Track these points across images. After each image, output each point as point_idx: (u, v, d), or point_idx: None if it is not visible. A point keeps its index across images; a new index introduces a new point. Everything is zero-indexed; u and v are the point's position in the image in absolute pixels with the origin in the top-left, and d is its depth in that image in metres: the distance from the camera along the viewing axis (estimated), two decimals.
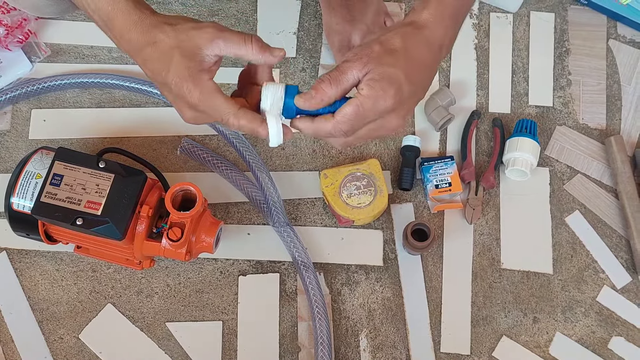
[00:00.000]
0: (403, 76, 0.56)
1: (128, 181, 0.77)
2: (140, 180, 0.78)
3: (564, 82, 1.03)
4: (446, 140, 0.99)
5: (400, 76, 0.56)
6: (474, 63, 1.04)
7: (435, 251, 0.93)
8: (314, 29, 1.05)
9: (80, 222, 0.75)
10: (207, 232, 0.81)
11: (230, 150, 0.97)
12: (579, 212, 0.95)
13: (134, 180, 0.77)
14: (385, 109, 0.57)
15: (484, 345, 0.89)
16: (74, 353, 0.87)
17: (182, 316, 0.89)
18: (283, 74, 1.02)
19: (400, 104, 0.57)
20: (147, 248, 0.80)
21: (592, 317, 0.91)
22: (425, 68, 0.59)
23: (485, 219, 0.95)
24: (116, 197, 0.76)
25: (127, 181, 0.77)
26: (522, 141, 0.93)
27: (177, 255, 0.80)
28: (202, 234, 0.81)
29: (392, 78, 0.56)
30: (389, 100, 0.56)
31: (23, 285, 0.89)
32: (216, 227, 0.82)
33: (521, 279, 0.92)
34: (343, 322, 0.89)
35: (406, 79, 0.56)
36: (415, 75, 0.58)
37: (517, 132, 0.96)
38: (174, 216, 0.77)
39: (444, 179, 0.93)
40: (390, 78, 0.56)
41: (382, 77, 0.55)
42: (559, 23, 1.07)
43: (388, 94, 0.56)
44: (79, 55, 1.02)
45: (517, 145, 0.93)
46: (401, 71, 0.56)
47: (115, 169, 0.77)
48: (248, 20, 1.05)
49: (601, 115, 1.02)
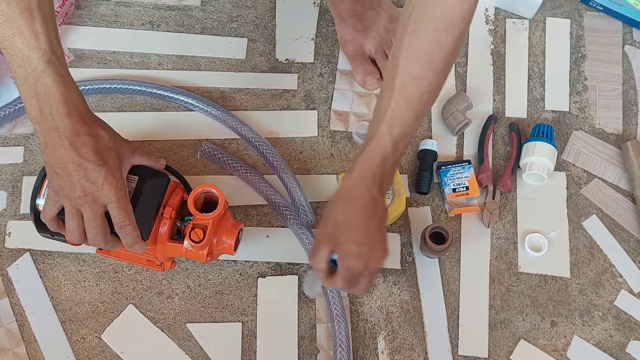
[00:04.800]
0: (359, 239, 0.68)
1: (151, 183, 0.78)
2: (163, 182, 0.79)
3: (580, 87, 1.04)
4: (463, 144, 1.00)
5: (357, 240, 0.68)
6: (491, 68, 1.05)
7: (453, 254, 0.94)
8: (332, 35, 1.06)
9: None
10: (228, 233, 0.83)
11: (250, 154, 0.98)
12: (596, 216, 0.96)
13: (157, 182, 0.78)
14: (359, 266, 0.68)
15: (501, 348, 0.89)
16: (96, 353, 0.88)
17: (203, 317, 0.90)
18: (301, 79, 1.03)
19: (369, 248, 0.68)
20: (169, 249, 0.81)
21: (610, 321, 0.91)
22: (367, 218, 0.69)
23: (502, 222, 0.95)
24: (140, 199, 0.76)
25: (150, 183, 0.78)
26: (539, 145, 0.94)
27: (199, 257, 0.81)
28: (223, 235, 0.82)
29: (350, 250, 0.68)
30: (358, 261, 0.68)
31: (46, 286, 0.91)
32: (237, 229, 0.83)
33: (538, 282, 0.93)
34: (361, 325, 0.90)
35: (360, 238, 0.68)
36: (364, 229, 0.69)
37: (534, 136, 0.96)
38: (196, 218, 0.79)
39: (462, 183, 0.94)
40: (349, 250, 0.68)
41: (345, 254, 0.69)
42: (574, 29, 1.07)
43: (354, 258, 0.68)
44: (102, 61, 1.04)
45: (534, 150, 0.94)
46: (353, 240, 0.68)
47: (139, 171, 0.79)
48: (267, 27, 1.07)
49: (617, 120, 1.02)
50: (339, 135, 1.00)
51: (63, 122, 0.66)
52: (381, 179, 0.68)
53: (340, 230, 0.68)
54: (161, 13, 1.07)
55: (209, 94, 1.02)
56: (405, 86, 0.65)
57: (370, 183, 0.67)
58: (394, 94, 0.65)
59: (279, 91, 1.02)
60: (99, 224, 0.70)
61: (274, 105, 1.02)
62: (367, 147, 0.67)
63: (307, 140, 1.00)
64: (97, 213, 0.69)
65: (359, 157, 0.68)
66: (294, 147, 0.99)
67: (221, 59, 1.04)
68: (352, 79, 1.03)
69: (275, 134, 1.00)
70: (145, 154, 0.78)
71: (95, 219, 0.70)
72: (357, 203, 0.68)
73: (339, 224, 0.68)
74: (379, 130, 0.66)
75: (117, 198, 0.69)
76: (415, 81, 0.65)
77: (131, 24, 1.06)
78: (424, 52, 0.64)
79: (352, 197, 0.68)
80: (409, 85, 0.65)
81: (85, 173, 0.67)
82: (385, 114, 0.66)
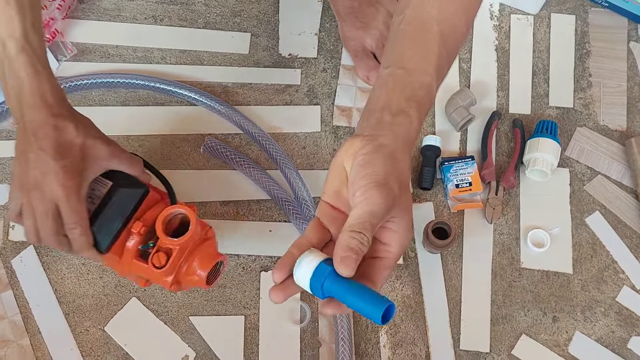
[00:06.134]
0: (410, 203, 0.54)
1: (125, 192, 0.69)
2: (139, 193, 0.70)
3: (584, 83, 1.04)
4: (466, 140, 0.99)
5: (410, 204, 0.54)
6: (495, 64, 1.04)
7: (455, 250, 0.94)
8: (335, 30, 1.06)
9: None
10: (202, 264, 0.71)
11: (253, 149, 0.99)
12: (599, 212, 0.96)
13: (131, 192, 0.70)
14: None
15: (503, 343, 0.90)
16: (100, 345, 0.88)
17: (205, 310, 0.90)
18: (304, 74, 1.03)
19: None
20: (135, 267, 0.72)
21: (612, 316, 0.91)
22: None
23: (505, 218, 0.95)
24: (106, 206, 0.68)
25: (124, 192, 0.69)
26: (543, 142, 0.94)
27: (163, 283, 0.72)
28: (196, 265, 0.71)
29: (411, 219, 0.54)
30: (409, 235, 0.54)
31: (50, 279, 0.91)
32: (214, 261, 0.72)
33: (541, 278, 0.93)
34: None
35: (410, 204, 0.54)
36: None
37: (538, 132, 0.96)
38: (162, 240, 0.69)
39: (465, 179, 0.94)
40: (411, 219, 0.54)
41: (408, 227, 0.53)
42: (579, 25, 1.07)
43: (410, 237, 0.54)
44: (104, 55, 1.04)
45: (537, 146, 0.94)
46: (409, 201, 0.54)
47: (118, 178, 0.70)
48: (270, 21, 1.07)
49: (622, 117, 1.02)
50: (342, 131, 1.00)
51: (29, 113, 0.63)
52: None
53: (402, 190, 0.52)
54: (164, 7, 1.07)
55: (212, 89, 1.02)
56: (446, 36, 0.57)
57: (411, 145, 0.55)
58: (438, 39, 0.56)
59: (282, 86, 1.03)
60: (49, 222, 0.64)
61: (277, 100, 1.02)
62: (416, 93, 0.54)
63: (310, 135, 1.00)
64: (47, 210, 0.63)
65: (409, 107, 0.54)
66: (297, 142, 0.99)
67: (224, 53, 1.04)
68: (355, 75, 1.03)
69: (278, 129, 1.00)
70: (129, 160, 0.69)
71: (46, 217, 0.64)
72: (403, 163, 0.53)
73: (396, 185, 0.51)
74: (427, 75, 0.55)
75: (65, 196, 0.63)
76: (453, 33, 0.58)
77: (134, 18, 1.06)
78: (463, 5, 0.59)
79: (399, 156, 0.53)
80: (449, 36, 0.57)
81: (41, 165, 0.63)
82: (431, 59, 0.56)
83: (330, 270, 0.49)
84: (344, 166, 0.53)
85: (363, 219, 0.49)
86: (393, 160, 0.51)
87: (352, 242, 0.48)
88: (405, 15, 0.57)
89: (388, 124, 0.53)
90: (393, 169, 0.51)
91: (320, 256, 0.50)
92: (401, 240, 0.52)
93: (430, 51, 0.56)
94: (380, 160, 0.51)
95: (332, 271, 0.49)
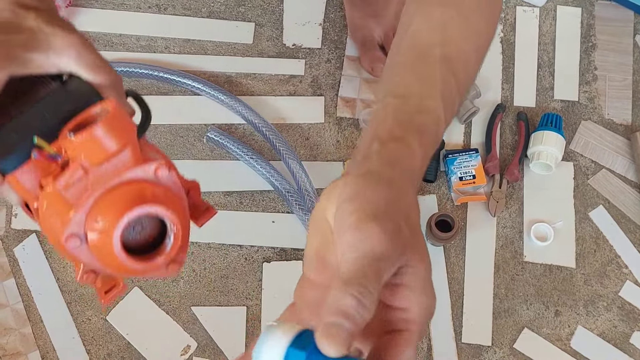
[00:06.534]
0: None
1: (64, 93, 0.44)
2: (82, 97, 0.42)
3: (589, 77, 1.03)
4: (470, 133, 0.99)
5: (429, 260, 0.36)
6: (500, 56, 1.04)
7: (458, 243, 0.93)
8: (340, 21, 1.05)
9: None
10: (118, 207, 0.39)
11: (256, 139, 0.98)
12: (602, 207, 0.95)
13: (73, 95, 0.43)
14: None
15: (505, 336, 0.90)
16: (102, 334, 0.88)
17: (207, 301, 0.90)
18: (308, 65, 1.03)
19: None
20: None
21: (614, 311, 0.91)
22: None
23: (508, 211, 0.95)
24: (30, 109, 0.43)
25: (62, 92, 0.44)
26: (547, 135, 0.94)
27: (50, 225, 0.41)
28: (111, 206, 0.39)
29: (430, 272, 0.35)
30: (432, 293, 0.35)
31: (52, 268, 0.91)
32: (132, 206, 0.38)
33: (543, 272, 0.93)
34: None
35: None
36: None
37: (543, 125, 0.96)
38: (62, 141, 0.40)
39: (468, 172, 0.94)
40: (430, 273, 0.35)
41: (426, 280, 0.35)
42: (585, 18, 1.06)
43: (434, 304, 0.35)
44: (108, 43, 1.03)
45: (542, 139, 0.94)
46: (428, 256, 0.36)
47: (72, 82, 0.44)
48: (274, 11, 1.06)
49: (627, 110, 1.01)
50: (346, 122, 1.00)
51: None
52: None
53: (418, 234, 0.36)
54: None
55: (215, 79, 1.01)
56: (452, 60, 0.45)
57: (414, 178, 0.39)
58: (441, 63, 0.44)
59: (286, 77, 1.02)
60: None
61: (280, 91, 1.01)
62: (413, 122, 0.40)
63: (314, 126, 0.99)
64: None
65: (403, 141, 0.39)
66: (300, 133, 0.99)
67: (228, 43, 1.04)
68: (359, 66, 1.02)
69: (282, 119, 1.00)
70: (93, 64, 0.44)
71: None
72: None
73: (415, 224, 0.36)
74: (430, 100, 0.42)
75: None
76: (463, 60, 0.45)
77: (138, 7, 1.06)
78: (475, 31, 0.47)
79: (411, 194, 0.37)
80: (457, 61, 0.45)
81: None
82: (435, 84, 0.43)
83: (312, 348, 0.30)
84: (326, 218, 0.35)
85: (362, 264, 0.31)
86: (391, 188, 0.35)
87: (346, 301, 0.30)
88: (402, 42, 0.46)
89: (376, 152, 0.37)
90: (395, 198, 0.35)
91: (292, 330, 0.31)
92: (422, 301, 0.34)
93: (432, 76, 0.43)
94: (373, 187, 0.35)
95: (316, 349, 0.30)
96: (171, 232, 0.41)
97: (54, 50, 0.44)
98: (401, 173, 0.37)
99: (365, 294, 0.30)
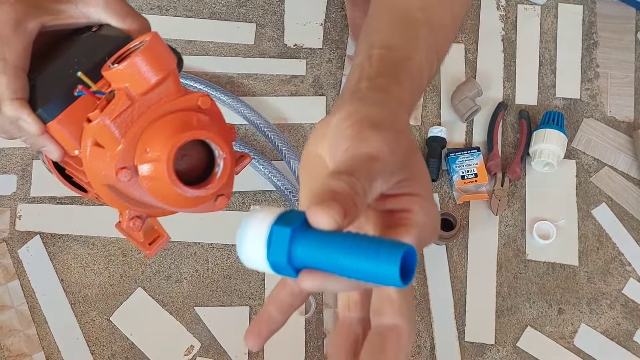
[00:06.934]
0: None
1: (95, 38, 0.45)
2: (115, 40, 0.44)
3: (591, 74, 1.03)
4: (472, 132, 0.99)
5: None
6: (501, 55, 1.04)
7: (460, 241, 0.94)
8: (341, 20, 1.05)
9: None
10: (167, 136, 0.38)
11: (258, 140, 0.99)
12: (605, 204, 0.95)
13: (105, 39, 0.44)
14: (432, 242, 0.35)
15: (508, 335, 0.90)
16: (105, 335, 0.89)
17: (211, 301, 0.90)
18: (310, 65, 1.03)
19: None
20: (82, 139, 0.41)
21: (618, 309, 0.91)
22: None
23: (510, 210, 0.95)
24: (65, 55, 0.44)
25: (93, 38, 0.45)
26: (549, 133, 0.93)
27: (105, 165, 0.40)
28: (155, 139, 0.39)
29: (431, 193, 0.35)
30: (437, 229, 0.34)
31: (56, 269, 0.92)
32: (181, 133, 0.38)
33: (546, 270, 0.92)
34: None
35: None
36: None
37: (544, 123, 0.96)
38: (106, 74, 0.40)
39: (470, 170, 0.94)
40: (432, 192, 0.36)
41: (430, 194, 0.34)
42: (587, 15, 1.06)
43: (438, 219, 0.34)
44: None
45: (544, 137, 0.93)
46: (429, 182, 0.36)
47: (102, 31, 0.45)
48: (275, 11, 1.06)
49: (629, 108, 1.01)
50: None
51: None
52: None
53: (418, 157, 0.35)
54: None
55: (217, 79, 1.02)
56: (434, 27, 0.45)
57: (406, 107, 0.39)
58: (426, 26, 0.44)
59: (288, 77, 1.02)
60: None
61: (282, 91, 1.01)
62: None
63: None
64: None
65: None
66: (302, 133, 0.99)
67: (229, 44, 1.04)
68: None
69: (284, 119, 1.00)
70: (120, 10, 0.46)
71: None
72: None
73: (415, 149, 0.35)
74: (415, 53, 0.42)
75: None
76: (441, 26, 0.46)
77: (140, 9, 1.06)
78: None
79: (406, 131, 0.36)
80: (437, 28, 0.45)
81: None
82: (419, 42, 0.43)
83: (299, 225, 0.29)
84: (317, 154, 0.34)
85: (353, 161, 0.30)
86: (386, 108, 0.35)
87: (335, 182, 0.29)
88: (380, 5, 0.45)
89: (365, 87, 0.37)
90: (391, 116, 0.34)
91: (277, 211, 0.29)
92: (425, 206, 0.32)
93: (416, 35, 0.43)
94: (368, 106, 0.34)
95: (302, 226, 0.29)
96: (220, 159, 0.40)
97: (82, 0, 0.45)
98: (393, 99, 0.37)
99: (355, 182, 0.29)
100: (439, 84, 1.02)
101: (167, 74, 0.40)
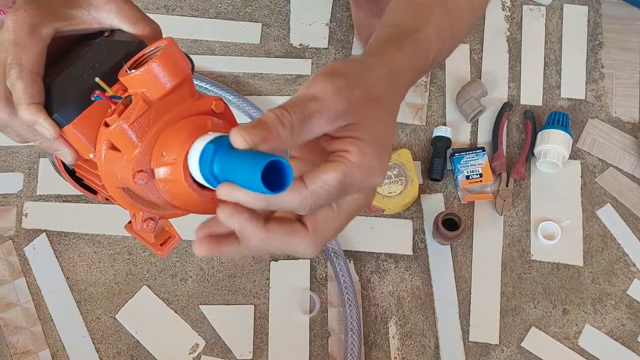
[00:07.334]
0: (390, 138, 0.39)
1: (108, 44, 0.46)
2: (129, 45, 0.45)
3: (596, 75, 1.03)
4: (477, 132, 0.99)
5: (390, 139, 0.39)
6: (506, 55, 1.04)
7: (465, 241, 0.94)
8: (346, 20, 1.06)
9: None
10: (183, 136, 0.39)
11: None
12: (610, 205, 0.95)
13: (118, 44, 0.45)
14: (372, 186, 0.38)
15: (512, 335, 0.90)
16: (111, 333, 0.89)
17: (215, 299, 0.91)
18: (315, 65, 1.03)
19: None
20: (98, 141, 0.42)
21: (622, 310, 0.91)
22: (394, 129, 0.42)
23: (515, 210, 0.95)
24: (79, 60, 0.45)
25: (106, 43, 0.46)
26: (554, 133, 0.93)
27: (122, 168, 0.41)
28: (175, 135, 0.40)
29: (385, 143, 0.38)
30: (380, 175, 0.37)
31: (62, 267, 0.92)
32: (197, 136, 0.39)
33: (551, 270, 0.93)
34: (372, 309, 0.90)
35: (391, 141, 0.39)
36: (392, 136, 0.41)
37: (549, 124, 0.96)
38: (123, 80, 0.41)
39: (475, 170, 0.94)
40: (384, 143, 0.38)
41: (376, 142, 0.37)
42: (592, 16, 1.06)
43: (382, 165, 0.37)
44: None
45: (549, 137, 0.94)
46: (390, 132, 0.39)
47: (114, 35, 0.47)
48: (281, 11, 1.06)
49: (634, 108, 1.01)
50: None
51: None
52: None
53: (378, 106, 0.38)
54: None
55: (223, 79, 1.02)
56: (451, 13, 0.47)
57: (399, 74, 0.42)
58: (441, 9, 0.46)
59: (293, 76, 1.02)
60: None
61: (287, 91, 1.02)
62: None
63: None
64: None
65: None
66: None
67: (235, 43, 1.04)
68: None
69: None
70: (131, 14, 0.46)
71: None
72: (400, 92, 0.42)
73: (379, 97, 0.38)
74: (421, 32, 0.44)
75: (13, 28, 0.43)
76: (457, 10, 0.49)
77: (146, 8, 1.06)
78: None
79: (400, 75, 0.41)
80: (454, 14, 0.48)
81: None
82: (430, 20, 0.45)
83: (225, 145, 0.34)
84: None
85: (296, 98, 0.34)
86: (361, 65, 0.38)
87: (266, 114, 0.33)
88: None
89: (366, 55, 0.41)
90: (360, 70, 0.38)
91: (217, 134, 0.36)
92: (365, 150, 0.35)
93: (428, 15, 0.45)
94: (343, 61, 0.38)
95: (229, 147, 0.33)
96: None
97: (94, 6, 0.46)
98: (379, 60, 0.40)
99: (284, 114, 0.33)
100: (444, 84, 1.02)
101: (183, 79, 0.41)
